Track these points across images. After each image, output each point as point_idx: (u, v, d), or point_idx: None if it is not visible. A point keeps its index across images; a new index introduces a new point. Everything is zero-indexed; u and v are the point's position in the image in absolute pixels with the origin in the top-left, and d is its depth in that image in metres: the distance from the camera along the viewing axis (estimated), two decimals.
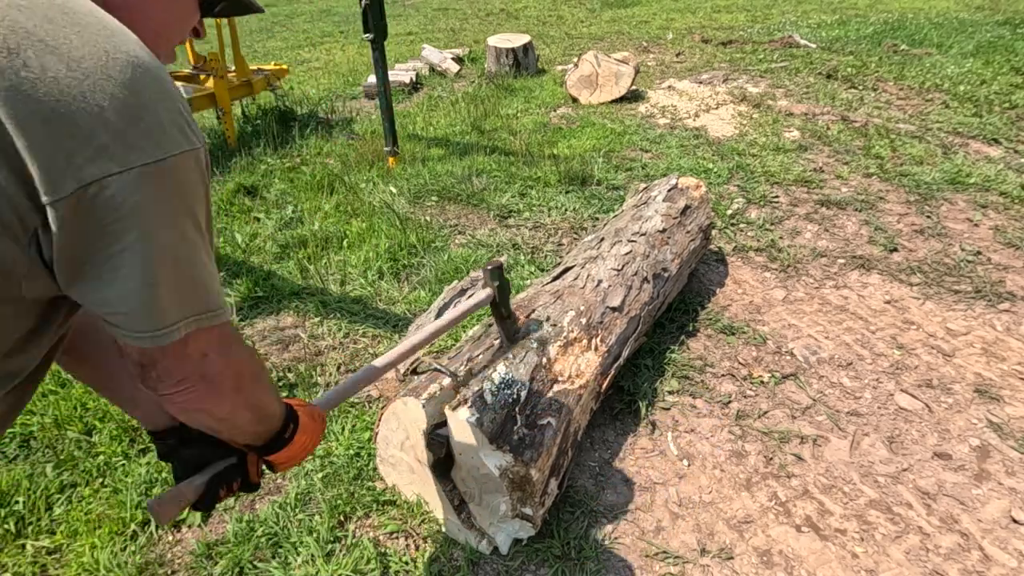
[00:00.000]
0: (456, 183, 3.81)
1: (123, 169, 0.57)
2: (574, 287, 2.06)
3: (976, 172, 3.76)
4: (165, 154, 0.60)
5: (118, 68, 0.58)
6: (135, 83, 0.59)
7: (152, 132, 0.60)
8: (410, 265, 2.98)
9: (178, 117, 0.63)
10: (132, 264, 0.60)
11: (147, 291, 0.62)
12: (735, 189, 3.72)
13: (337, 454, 1.92)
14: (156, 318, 0.64)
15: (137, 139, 0.58)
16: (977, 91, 5.17)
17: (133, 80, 0.59)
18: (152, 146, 0.59)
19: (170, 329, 0.65)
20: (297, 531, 1.68)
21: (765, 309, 2.65)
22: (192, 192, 0.65)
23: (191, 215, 0.65)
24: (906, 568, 1.58)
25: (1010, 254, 2.99)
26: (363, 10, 3.49)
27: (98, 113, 0.56)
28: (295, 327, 2.59)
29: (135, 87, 0.59)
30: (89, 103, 0.56)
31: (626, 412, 2.09)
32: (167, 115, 0.62)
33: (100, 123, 0.56)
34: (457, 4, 12.34)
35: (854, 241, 3.15)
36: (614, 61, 5.36)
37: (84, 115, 0.56)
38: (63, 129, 0.55)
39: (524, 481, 1.48)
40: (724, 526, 1.71)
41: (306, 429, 1.01)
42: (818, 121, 4.75)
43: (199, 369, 0.71)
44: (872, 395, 2.17)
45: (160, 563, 1.63)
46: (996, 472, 1.85)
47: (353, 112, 5.58)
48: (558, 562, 1.59)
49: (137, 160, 0.58)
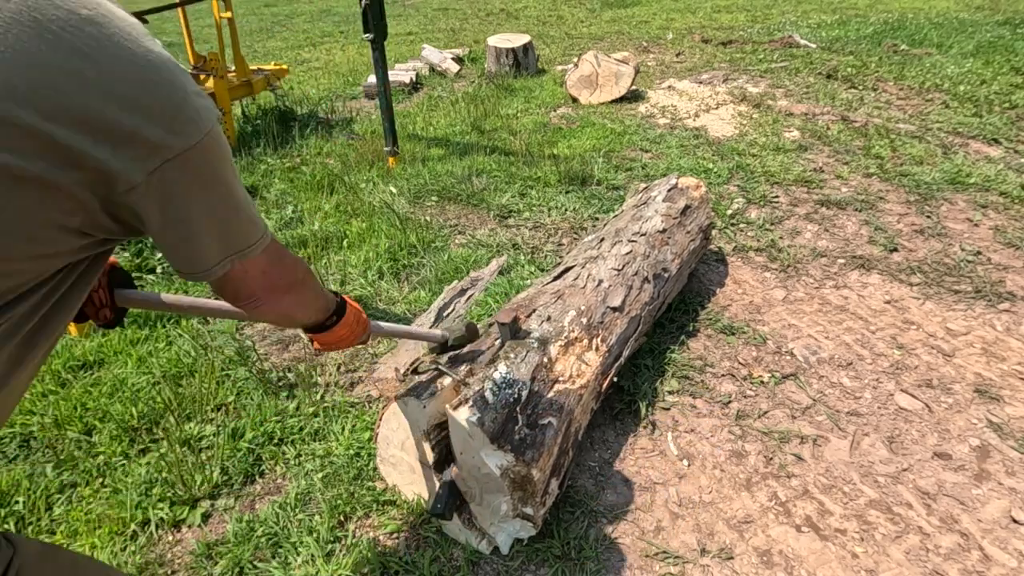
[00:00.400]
0: (456, 183, 3.81)
1: (176, 154, 0.69)
2: (575, 287, 2.06)
3: (976, 172, 3.76)
4: (203, 133, 0.72)
5: (153, 72, 0.69)
6: (168, 81, 0.70)
7: (190, 119, 0.71)
8: (410, 265, 2.98)
9: (199, 97, 0.73)
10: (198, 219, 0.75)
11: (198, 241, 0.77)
12: (735, 189, 3.72)
13: (337, 454, 1.92)
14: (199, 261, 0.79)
15: (183, 127, 0.70)
16: (977, 91, 5.17)
17: (166, 78, 0.70)
18: (194, 128, 0.71)
19: (215, 267, 0.80)
20: (297, 531, 1.68)
21: (765, 309, 2.65)
22: (225, 151, 0.78)
23: (229, 168, 0.79)
24: (906, 568, 1.58)
25: (1010, 254, 2.99)
26: (363, 10, 3.48)
27: (150, 114, 0.67)
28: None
29: (168, 83, 0.70)
30: (143, 106, 0.67)
31: (626, 412, 2.09)
32: (196, 99, 0.72)
33: (153, 122, 0.67)
34: (457, 4, 12.34)
35: (854, 241, 3.15)
36: (614, 61, 5.36)
37: (142, 119, 0.66)
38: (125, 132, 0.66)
39: (525, 481, 1.48)
40: (724, 526, 1.71)
41: (346, 323, 1.19)
42: (818, 121, 4.75)
43: (261, 283, 0.88)
44: (872, 395, 2.17)
45: (160, 563, 1.63)
46: (996, 472, 1.85)
47: (353, 112, 5.58)
48: (558, 562, 1.59)
49: (189, 141, 0.70)
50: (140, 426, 2.05)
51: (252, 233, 0.83)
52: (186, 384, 2.21)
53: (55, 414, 2.09)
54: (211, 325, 2.55)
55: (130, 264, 2.95)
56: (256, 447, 1.96)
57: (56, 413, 2.09)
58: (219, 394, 2.18)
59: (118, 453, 1.95)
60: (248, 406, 2.12)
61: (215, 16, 4.40)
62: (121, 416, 2.06)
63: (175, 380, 2.24)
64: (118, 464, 1.91)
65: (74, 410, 2.11)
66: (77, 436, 2.01)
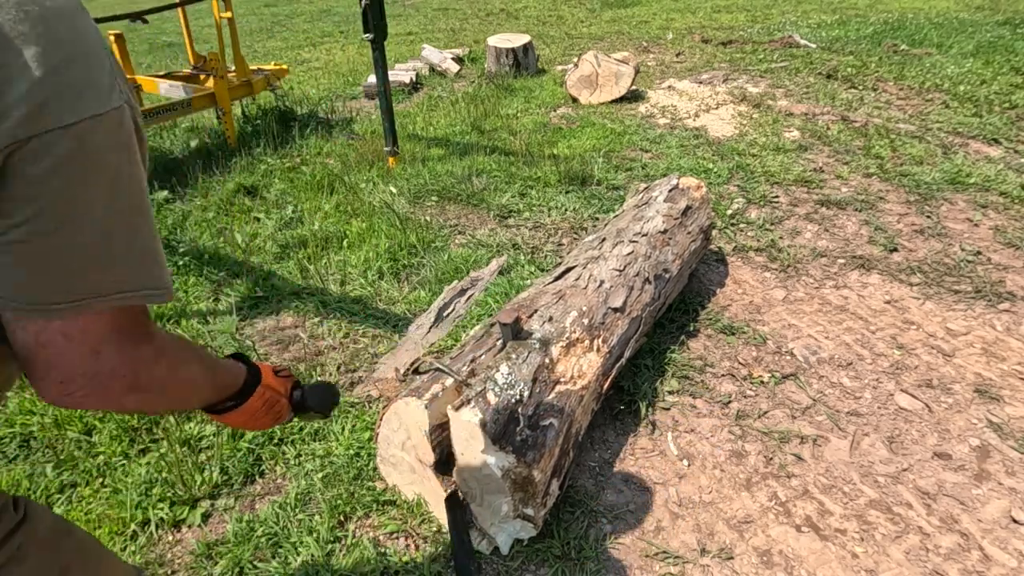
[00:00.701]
0: (456, 183, 3.81)
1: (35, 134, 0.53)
2: (576, 287, 2.06)
3: (976, 172, 3.76)
4: (78, 117, 0.54)
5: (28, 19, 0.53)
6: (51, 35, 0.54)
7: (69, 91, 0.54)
8: (410, 265, 2.98)
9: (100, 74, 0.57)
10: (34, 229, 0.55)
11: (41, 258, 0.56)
12: (735, 189, 3.72)
13: (337, 454, 1.92)
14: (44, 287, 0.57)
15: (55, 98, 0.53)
16: (977, 91, 5.17)
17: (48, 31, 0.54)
18: (70, 107, 0.54)
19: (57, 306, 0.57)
20: (297, 531, 1.68)
21: (765, 309, 2.65)
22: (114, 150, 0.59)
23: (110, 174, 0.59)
24: (906, 568, 1.58)
25: (1010, 254, 2.99)
26: (363, 10, 3.48)
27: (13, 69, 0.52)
28: (295, 327, 2.59)
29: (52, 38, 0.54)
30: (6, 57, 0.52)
31: (626, 412, 2.09)
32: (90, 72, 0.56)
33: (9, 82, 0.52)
34: (457, 4, 12.34)
35: (854, 241, 3.15)
36: (614, 61, 5.36)
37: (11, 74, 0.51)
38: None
39: (526, 482, 1.48)
40: (724, 526, 1.71)
41: (249, 411, 0.96)
42: (818, 121, 4.75)
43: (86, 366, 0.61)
44: (872, 395, 2.17)
45: (160, 563, 1.63)
46: (996, 472, 1.85)
47: (353, 112, 5.58)
48: (558, 562, 1.59)
49: (54, 123, 0.53)
50: (140, 426, 2.05)
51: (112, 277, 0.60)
52: None
53: (55, 414, 2.09)
54: (211, 325, 2.55)
55: None
56: (256, 447, 1.96)
57: (56, 413, 2.09)
58: None
59: (118, 453, 1.95)
60: None
61: (215, 16, 4.40)
62: (121, 416, 2.06)
63: None
64: (118, 464, 1.91)
65: (73, 410, 2.11)
66: (77, 436, 2.01)
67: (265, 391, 0.99)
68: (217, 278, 2.90)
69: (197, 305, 2.73)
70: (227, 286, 2.85)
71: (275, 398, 1.03)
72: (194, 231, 3.36)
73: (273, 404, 1.02)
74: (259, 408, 0.99)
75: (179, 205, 3.67)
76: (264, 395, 0.99)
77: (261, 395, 0.98)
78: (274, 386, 1.03)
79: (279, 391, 1.04)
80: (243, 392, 0.95)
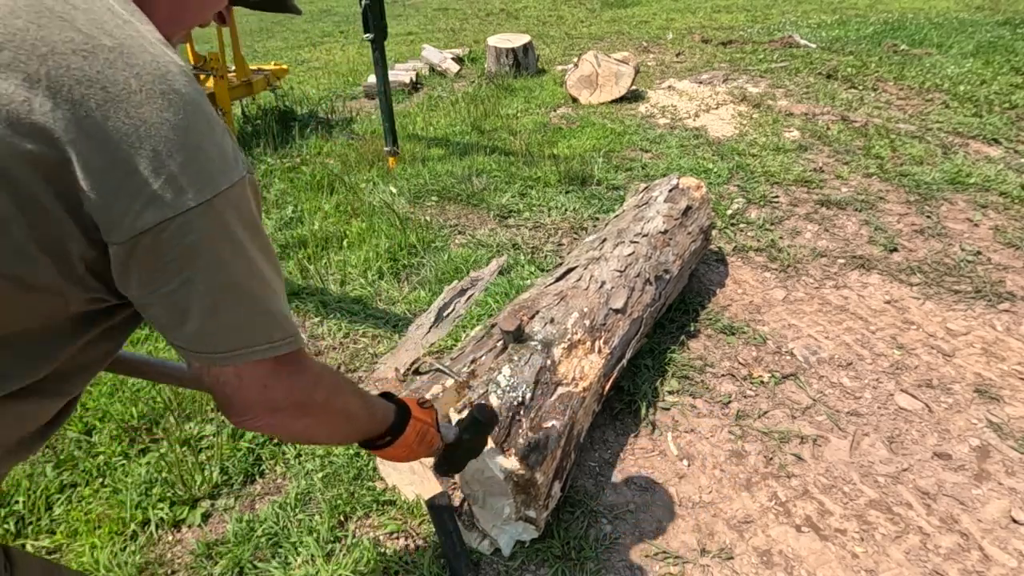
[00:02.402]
0: (456, 183, 3.81)
1: (177, 214, 0.58)
2: (577, 288, 2.06)
3: (976, 172, 3.76)
4: (215, 191, 0.60)
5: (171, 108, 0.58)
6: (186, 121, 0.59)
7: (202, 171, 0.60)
8: (410, 265, 2.98)
9: (223, 149, 0.62)
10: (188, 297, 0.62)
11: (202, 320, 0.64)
12: (735, 189, 3.72)
13: (337, 454, 1.92)
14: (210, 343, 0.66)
15: (190, 181, 0.59)
16: (977, 91, 5.17)
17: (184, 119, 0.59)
18: (204, 185, 0.59)
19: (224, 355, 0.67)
20: (297, 531, 1.68)
21: (765, 309, 2.65)
22: (245, 220, 0.64)
23: (244, 242, 0.65)
24: (906, 568, 1.58)
25: (1010, 254, 2.99)
26: (363, 10, 3.48)
27: (153, 158, 0.57)
28: None
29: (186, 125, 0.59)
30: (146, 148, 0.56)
31: (626, 412, 2.09)
32: (214, 149, 0.61)
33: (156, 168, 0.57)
34: (457, 4, 12.34)
35: (854, 241, 3.15)
36: (614, 61, 5.36)
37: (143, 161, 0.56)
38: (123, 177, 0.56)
39: (529, 484, 1.48)
40: (724, 526, 1.71)
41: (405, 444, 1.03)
42: (818, 121, 4.75)
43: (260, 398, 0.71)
44: (872, 395, 2.17)
45: (160, 563, 1.63)
46: (996, 472, 1.85)
47: (353, 112, 5.58)
48: (558, 562, 1.59)
49: (192, 202, 0.59)
50: (140, 426, 2.05)
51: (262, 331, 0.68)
52: None
53: None
54: None
55: None
56: (256, 447, 1.96)
57: None
58: None
59: (118, 453, 1.95)
60: None
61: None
62: (121, 416, 2.06)
63: None
64: (118, 464, 1.91)
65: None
66: (77, 436, 2.01)
67: (417, 423, 1.05)
68: None
69: None
70: None
71: (425, 428, 1.08)
72: None
73: (425, 434, 1.08)
74: (413, 440, 1.04)
75: None
76: (416, 427, 1.05)
77: (414, 427, 1.04)
78: (423, 418, 1.08)
79: (427, 421, 1.10)
80: (397, 425, 1.02)
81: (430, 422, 1.11)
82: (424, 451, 1.10)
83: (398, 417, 1.02)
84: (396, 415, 1.02)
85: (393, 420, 1.01)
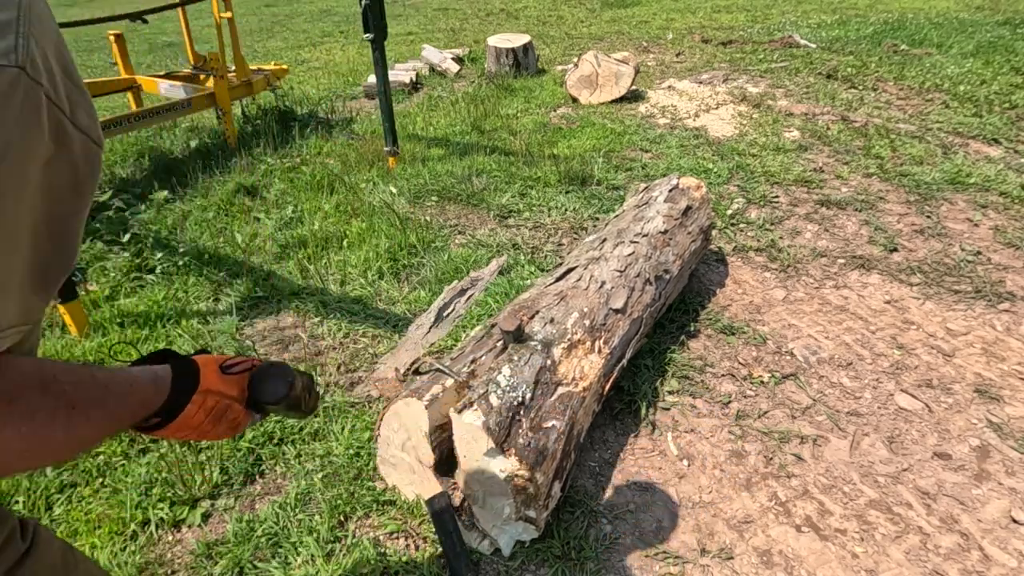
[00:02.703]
0: (456, 183, 3.81)
1: None
2: (577, 288, 2.06)
3: (976, 172, 3.76)
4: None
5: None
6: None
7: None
8: (410, 265, 2.98)
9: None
10: None
11: None
12: (735, 189, 3.72)
13: (337, 454, 1.92)
14: None
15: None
16: (977, 91, 5.17)
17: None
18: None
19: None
20: (297, 531, 1.68)
21: (765, 309, 2.65)
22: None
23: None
24: (906, 568, 1.58)
25: (1010, 254, 2.99)
26: (363, 10, 3.48)
27: None
28: (295, 327, 2.59)
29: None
30: None
31: (626, 412, 2.09)
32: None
33: None
34: (457, 4, 12.34)
35: (854, 241, 3.15)
36: (614, 61, 5.36)
37: None
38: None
39: (529, 484, 1.48)
40: (724, 526, 1.71)
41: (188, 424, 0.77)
42: (818, 121, 4.75)
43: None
44: (872, 395, 2.17)
45: (160, 563, 1.63)
46: (996, 472, 1.85)
47: (353, 112, 5.58)
48: (558, 562, 1.59)
49: None
50: None
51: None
52: None
53: None
54: (211, 325, 2.55)
55: (129, 264, 2.95)
56: (256, 447, 1.96)
57: None
58: None
59: (118, 453, 1.95)
60: None
61: (215, 16, 4.39)
62: None
63: None
64: (118, 464, 1.91)
65: None
66: None
67: (206, 398, 0.79)
68: (217, 278, 2.90)
69: (197, 305, 2.73)
70: (227, 286, 2.85)
71: (222, 405, 0.82)
72: (194, 231, 3.36)
73: (223, 412, 0.82)
74: (201, 420, 0.79)
75: (179, 205, 3.67)
76: (205, 403, 0.79)
77: (200, 405, 0.78)
78: (220, 390, 0.82)
79: (228, 395, 0.83)
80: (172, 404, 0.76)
81: (234, 394, 0.83)
82: (224, 431, 0.84)
83: (175, 392, 0.76)
84: (172, 390, 0.75)
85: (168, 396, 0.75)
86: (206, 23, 9.88)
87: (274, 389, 0.89)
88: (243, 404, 0.86)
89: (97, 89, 4.52)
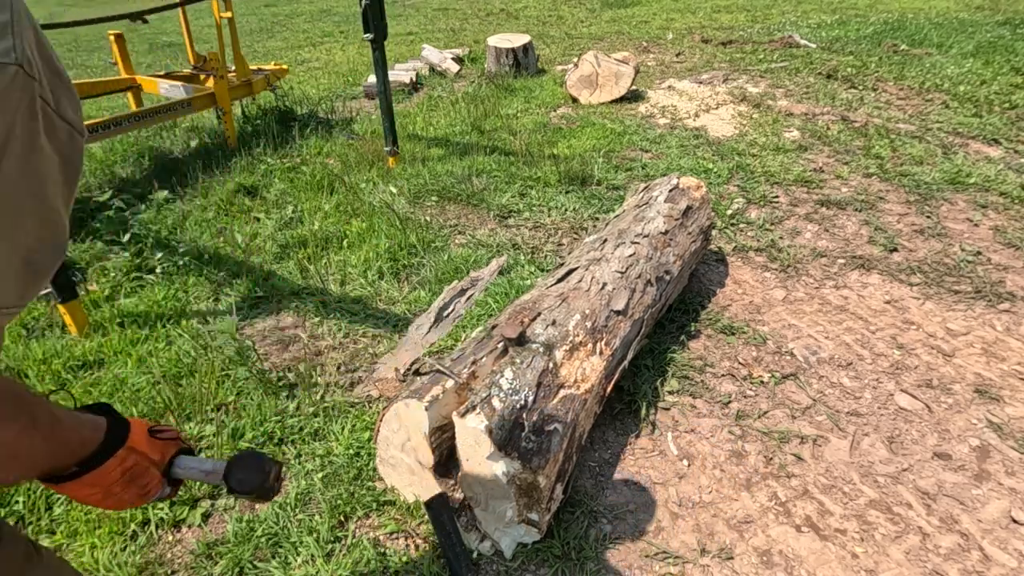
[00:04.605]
0: (456, 183, 3.81)
1: None
2: (579, 289, 2.05)
3: (976, 172, 3.76)
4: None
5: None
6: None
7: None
8: (410, 265, 2.98)
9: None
10: None
11: None
12: (735, 189, 3.72)
13: (337, 454, 1.92)
14: None
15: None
16: (977, 91, 5.17)
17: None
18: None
19: None
20: (297, 531, 1.68)
21: (765, 309, 2.65)
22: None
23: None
24: (906, 568, 1.58)
25: (1010, 254, 2.99)
26: (363, 10, 3.48)
27: None
28: (295, 327, 2.59)
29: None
30: None
31: (626, 412, 2.09)
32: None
33: None
34: (457, 4, 12.34)
35: (854, 241, 3.15)
36: (614, 61, 5.36)
37: None
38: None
39: (531, 487, 1.48)
40: (724, 526, 1.71)
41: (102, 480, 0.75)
42: (818, 121, 4.75)
43: None
44: (872, 395, 2.17)
45: (160, 563, 1.63)
46: (996, 472, 1.85)
47: (353, 112, 5.58)
48: (558, 562, 1.59)
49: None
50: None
51: None
52: (186, 384, 2.21)
53: None
54: (211, 325, 2.55)
55: (129, 264, 2.95)
56: (256, 447, 1.96)
57: None
58: (219, 394, 2.18)
59: None
60: (248, 406, 2.12)
61: (215, 16, 4.39)
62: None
63: (175, 380, 2.24)
64: None
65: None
66: None
67: (129, 456, 0.77)
68: (217, 278, 2.90)
69: (197, 305, 2.73)
70: (227, 286, 2.85)
71: (141, 467, 0.80)
72: (194, 231, 3.36)
73: (138, 475, 0.80)
74: (116, 479, 0.77)
75: (179, 205, 3.67)
76: (126, 462, 0.77)
77: (121, 461, 0.76)
78: (143, 450, 0.80)
79: (150, 458, 0.82)
80: (96, 456, 0.74)
81: (156, 459, 0.83)
82: (132, 498, 0.81)
83: (104, 445, 0.75)
84: (104, 439, 0.75)
85: (95, 449, 0.74)
86: (206, 23, 9.88)
87: (250, 479, 0.94)
88: (160, 471, 0.86)
89: (97, 89, 4.52)
